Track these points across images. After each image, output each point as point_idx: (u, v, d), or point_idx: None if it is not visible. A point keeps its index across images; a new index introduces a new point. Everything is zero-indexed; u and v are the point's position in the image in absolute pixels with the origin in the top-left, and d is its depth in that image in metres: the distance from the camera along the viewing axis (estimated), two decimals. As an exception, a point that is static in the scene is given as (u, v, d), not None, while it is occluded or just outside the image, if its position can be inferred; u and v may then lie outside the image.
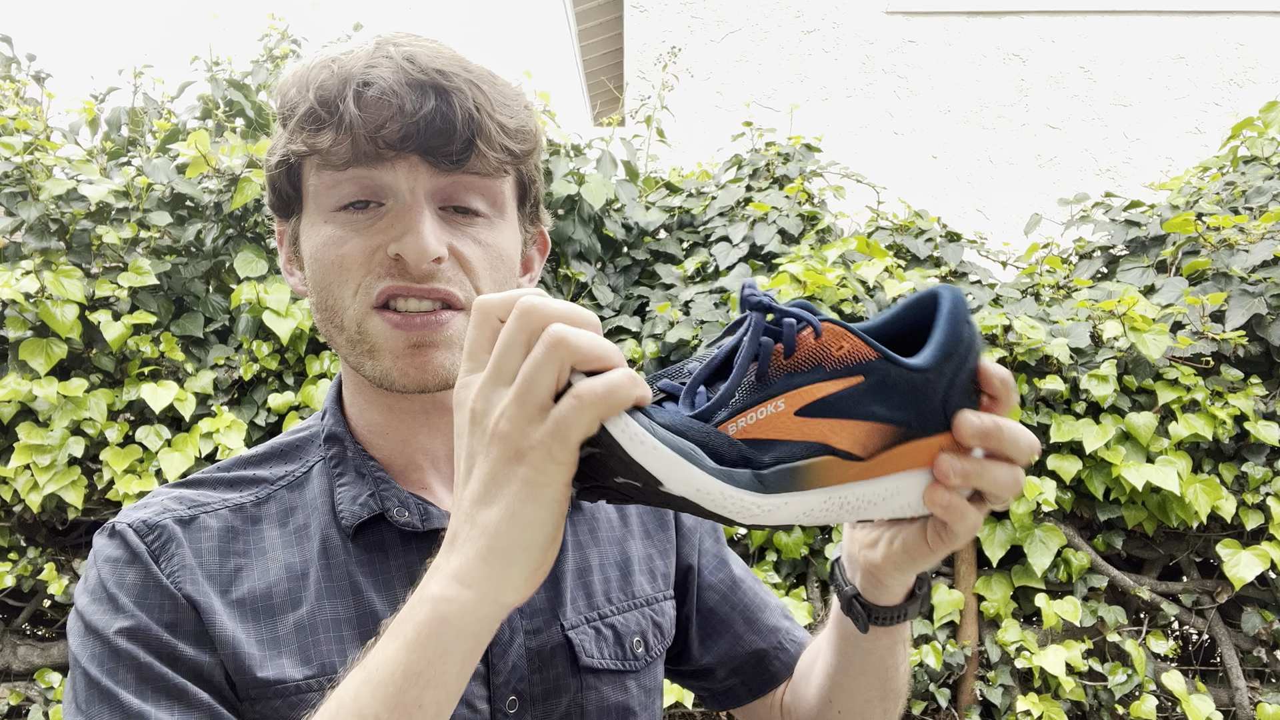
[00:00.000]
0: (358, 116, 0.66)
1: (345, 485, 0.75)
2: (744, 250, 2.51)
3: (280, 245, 0.79)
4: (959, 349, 0.52)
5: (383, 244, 0.69)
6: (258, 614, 0.69)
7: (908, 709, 2.28)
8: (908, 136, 5.65)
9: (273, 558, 0.72)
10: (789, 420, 0.50)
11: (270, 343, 2.27)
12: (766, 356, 0.50)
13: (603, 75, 8.00)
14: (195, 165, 2.27)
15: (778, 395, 0.50)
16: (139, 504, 0.72)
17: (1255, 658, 2.34)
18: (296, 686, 0.67)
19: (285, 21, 2.99)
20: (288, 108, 0.70)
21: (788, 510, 0.50)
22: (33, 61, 2.73)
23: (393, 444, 0.77)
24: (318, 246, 0.71)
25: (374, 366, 0.71)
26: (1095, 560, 2.25)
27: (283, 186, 0.74)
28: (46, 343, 2.14)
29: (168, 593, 0.67)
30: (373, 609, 0.71)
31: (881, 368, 0.51)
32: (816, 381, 0.50)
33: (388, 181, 0.68)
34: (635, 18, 5.75)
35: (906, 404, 0.52)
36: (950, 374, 0.52)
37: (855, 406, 0.51)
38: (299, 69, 0.70)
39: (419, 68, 0.66)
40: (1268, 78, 5.64)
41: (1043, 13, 5.70)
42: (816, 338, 0.51)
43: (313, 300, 0.74)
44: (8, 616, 2.38)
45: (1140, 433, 2.15)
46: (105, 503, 2.24)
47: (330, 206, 0.70)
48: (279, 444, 0.80)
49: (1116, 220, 2.65)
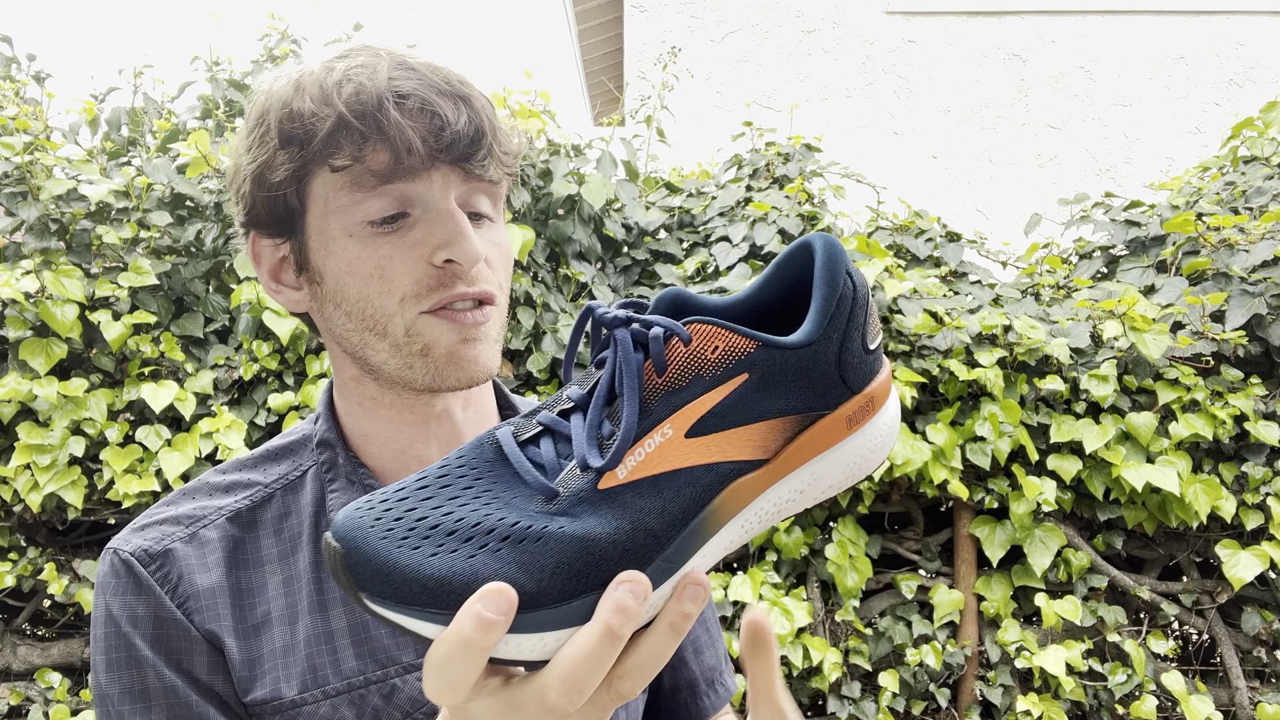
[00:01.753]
0: (404, 125, 0.65)
1: (336, 492, 0.76)
2: (744, 250, 2.52)
3: (257, 263, 0.76)
4: (843, 305, 0.47)
5: (424, 253, 0.68)
6: (258, 629, 0.71)
7: (908, 709, 2.28)
8: (908, 136, 5.65)
9: (270, 570, 0.73)
10: (680, 445, 0.44)
11: (270, 343, 2.27)
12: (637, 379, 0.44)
13: (603, 75, 8.00)
14: (195, 165, 2.28)
15: (662, 421, 0.44)
16: (138, 526, 0.73)
17: (1255, 658, 2.34)
18: (292, 702, 0.68)
19: (285, 21, 2.99)
20: (302, 123, 0.66)
21: (707, 561, 0.45)
22: (33, 61, 2.73)
23: (388, 453, 0.77)
24: (350, 261, 0.69)
25: (425, 365, 0.70)
26: (1095, 560, 2.26)
27: (285, 203, 0.71)
28: (46, 343, 2.14)
29: (181, 624, 0.69)
30: (363, 618, 0.72)
31: (763, 357, 0.45)
32: (699, 395, 0.45)
33: (420, 192, 0.68)
34: (635, 18, 5.75)
35: (801, 387, 0.46)
36: (839, 337, 0.47)
37: (748, 410, 0.45)
38: (303, 81, 0.67)
39: (443, 78, 0.67)
40: (1268, 78, 5.64)
41: (1043, 13, 5.70)
42: (686, 344, 0.45)
43: (340, 312, 0.71)
44: (8, 616, 2.39)
45: (1140, 433, 2.15)
46: (105, 503, 2.24)
47: (360, 220, 0.68)
48: (273, 447, 0.81)
49: (1116, 220, 2.65)
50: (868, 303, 0.49)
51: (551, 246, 2.47)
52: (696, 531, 0.45)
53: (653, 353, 0.45)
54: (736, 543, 0.47)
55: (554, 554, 0.41)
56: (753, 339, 0.45)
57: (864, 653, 2.24)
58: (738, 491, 0.46)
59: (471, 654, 0.39)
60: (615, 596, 0.40)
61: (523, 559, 0.41)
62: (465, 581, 0.40)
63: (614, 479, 0.44)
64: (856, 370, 0.48)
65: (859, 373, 0.49)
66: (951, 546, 2.34)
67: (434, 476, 0.45)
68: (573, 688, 0.40)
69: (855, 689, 2.23)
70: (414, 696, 0.71)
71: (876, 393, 0.50)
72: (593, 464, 0.43)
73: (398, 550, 0.40)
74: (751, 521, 0.47)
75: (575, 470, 0.44)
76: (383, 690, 0.71)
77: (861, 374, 0.49)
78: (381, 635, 0.72)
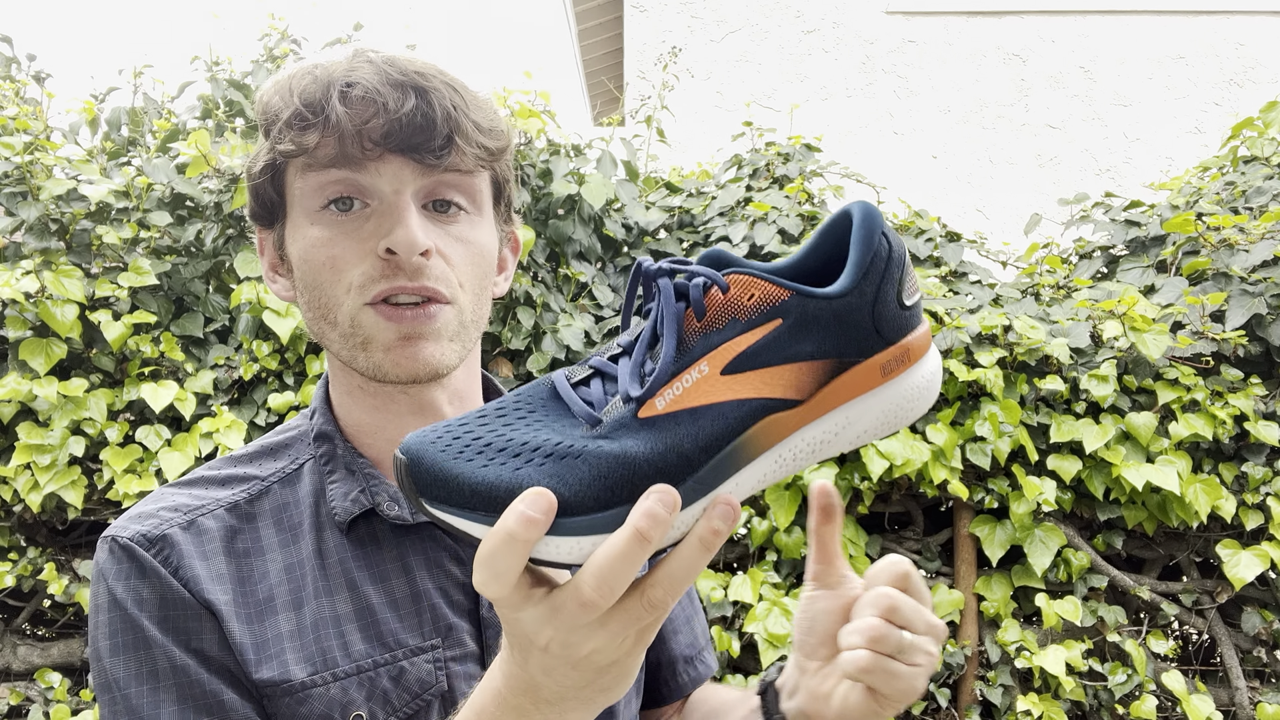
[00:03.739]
0: (343, 114, 0.68)
1: (336, 482, 0.76)
2: (744, 250, 2.52)
3: (261, 254, 0.80)
4: (877, 262, 0.50)
5: (372, 245, 0.71)
6: (262, 614, 0.71)
7: (908, 709, 2.28)
8: (908, 136, 5.65)
9: (271, 558, 0.73)
10: (716, 382, 0.48)
11: (270, 342, 2.27)
12: (676, 321, 0.48)
13: (603, 75, 8.00)
14: (195, 165, 2.28)
15: (699, 359, 0.48)
16: (135, 515, 0.73)
17: (1255, 658, 2.34)
18: (302, 684, 0.69)
19: (285, 21, 2.99)
20: (270, 115, 0.71)
21: (740, 490, 0.48)
22: (33, 61, 2.73)
23: (381, 442, 0.79)
24: (307, 248, 0.72)
25: (367, 359, 0.72)
26: (1095, 560, 2.26)
27: (266, 194, 0.75)
28: (46, 343, 2.14)
29: (187, 602, 0.69)
30: (369, 602, 0.73)
31: (797, 304, 0.49)
32: (734, 336, 0.48)
33: (372, 182, 0.70)
34: (635, 18, 5.75)
35: (834, 334, 0.49)
36: (873, 291, 0.50)
37: (780, 350, 0.48)
38: (279, 79, 0.72)
39: (399, 70, 0.69)
40: (1268, 78, 5.64)
41: (1043, 13, 5.70)
42: (725, 293, 0.49)
43: (303, 300, 0.75)
44: (8, 616, 2.39)
45: (1140, 433, 2.15)
46: (105, 503, 2.24)
47: (315, 207, 0.72)
48: (267, 443, 0.81)
49: (1116, 220, 2.65)
50: (904, 261, 0.51)
51: (551, 246, 2.47)
52: (729, 458, 0.47)
53: (692, 299, 0.49)
54: (770, 478, 0.50)
55: (592, 468, 0.46)
56: (788, 288, 0.49)
57: (864, 653, 2.23)
58: (770, 427, 0.48)
59: (515, 547, 0.43)
60: (646, 504, 0.44)
61: (563, 472, 0.45)
62: (510, 488, 0.45)
63: (653, 409, 0.47)
64: (891, 322, 0.51)
65: (894, 325, 0.51)
66: (951, 546, 2.34)
67: (493, 410, 0.49)
68: (604, 583, 0.44)
69: (855, 689, 2.23)
70: (422, 678, 0.72)
71: (913, 345, 0.52)
72: (632, 394, 0.47)
73: (453, 461, 0.45)
74: (785, 458, 0.50)
75: (618, 402, 0.48)
76: (391, 672, 0.71)
77: (896, 326, 0.51)
78: (389, 619, 0.73)
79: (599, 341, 2.39)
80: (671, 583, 0.46)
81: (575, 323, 2.34)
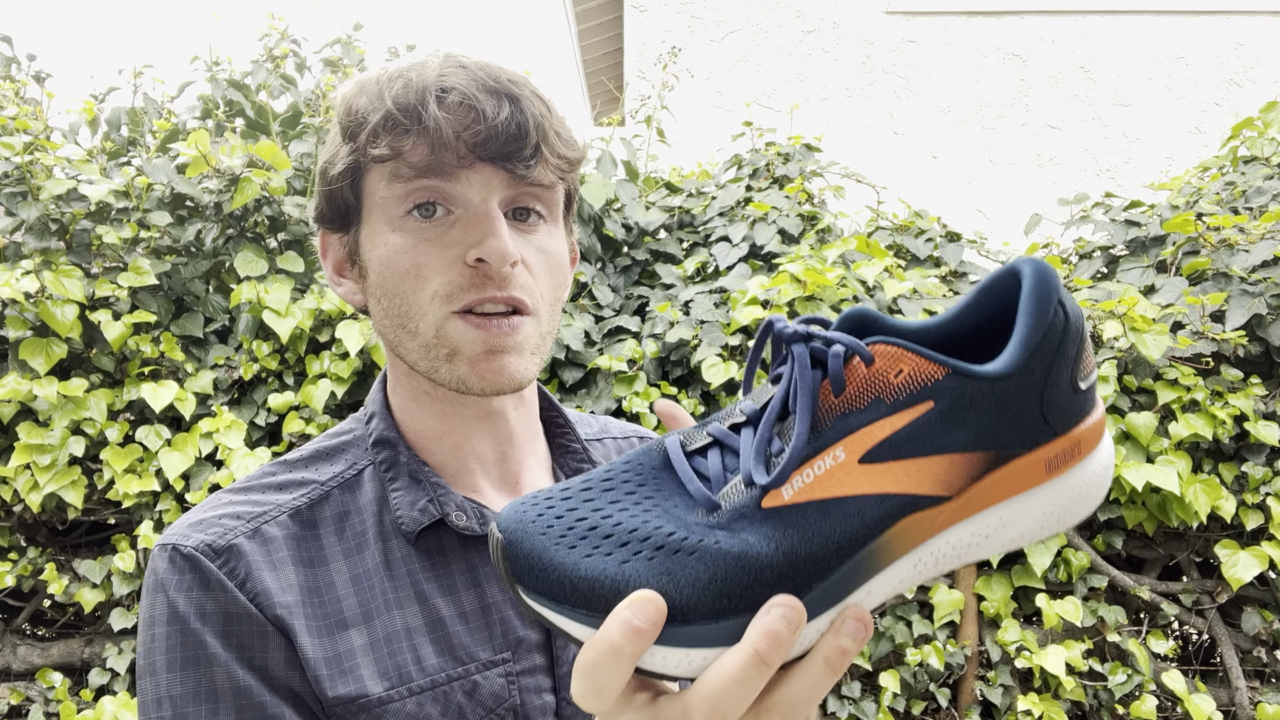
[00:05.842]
0: (441, 119, 0.66)
1: (400, 491, 0.74)
2: (744, 250, 2.52)
3: (324, 256, 0.78)
4: (1051, 337, 0.42)
5: (459, 252, 0.69)
6: (333, 627, 0.68)
7: (908, 709, 2.28)
8: (908, 136, 5.65)
9: (336, 568, 0.71)
10: (853, 470, 0.41)
11: (270, 342, 2.27)
12: (811, 396, 0.42)
13: (603, 75, 8.00)
14: (195, 165, 2.28)
15: (835, 443, 0.42)
16: (195, 523, 0.70)
17: (1255, 658, 2.34)
18: (379, 699, 0.67)
19: (285, 21, 2.99)
20: (357, 118, 0.69)
21: (872, 599, 0.43)
22: (33, 61, 2.73)
23: (446, 449, 0.77)
24: (389, 255, 0.71)
25: (450, 371, 0.71)
26: (1095, 560, 2.26)
27: (344, 198, 0.73)
28: (46, 342, 2.14)
29: (254, 618, 0.66)
30: (439, 615, 0.71)
31: (953, 385, 0.42)
32: (877, 419, 0.42)
33: (460, 190, 0.69)
34: (635, 18, 5.75)
35: (994, 422, 0.42)
36: (1043, 371, 0.42)
37: (931, 440, 0.42)
38: (365, 81, 0.70)
39: (492, 76, 0.68)
40: (1268, 78, 5.64)
41: (1043, 13, 5.70)
42: (869, 366, 0.42)
43: (379, 307, 0.73)
44: (8, 616, 2.39)
45: (1140, 433, 2.15)
46: (105, 502, 2.24)
47: (398, 213, 0.70)
48: (321, 447, 0.79)
49: (1116, 220, 2.65)
50: (1081, 336, 0.44)
51: (551, 246, 2.47)
52: (863, 564, 0.42)
53: (831, 371, 0.42)
54: (908, 583, 0.44)
55: (707, 568, 0.40)
56: (943, 365, 0.42)
57: (864, 652, 2.24)
58: (912, 527, 0.42)
59: (618, 661, 0.39)
60: (767, 621, 0.39)
61: (675, 570, 0.40)
62: (616, 586, 0.40)
63: (779, 498, 0.42)
64: (1062, 410, 0.44)
65: (1065, 413, 0.44)
66: (951, 546, 2.34)
67: (599, 479, 0.44)
68: (716, 710, 0.39)
69: (855, 689, 2.23)
70: (496, 693, 0.70)
71: (1084, 437, 0.45)
72: (758, 480, 0.41)
73: (554, 547, 0.41)
74: (926, 562, 0.44)
75: (739, 485, 0.42)
76: (465, 687, 0.69)
77: (1068, 415, 0.44)
78: (460, 632, 0.71)
79: (598, 341, 2.39)
80: (791, 707, 0.41)
81: (575, 323, 2.34)
